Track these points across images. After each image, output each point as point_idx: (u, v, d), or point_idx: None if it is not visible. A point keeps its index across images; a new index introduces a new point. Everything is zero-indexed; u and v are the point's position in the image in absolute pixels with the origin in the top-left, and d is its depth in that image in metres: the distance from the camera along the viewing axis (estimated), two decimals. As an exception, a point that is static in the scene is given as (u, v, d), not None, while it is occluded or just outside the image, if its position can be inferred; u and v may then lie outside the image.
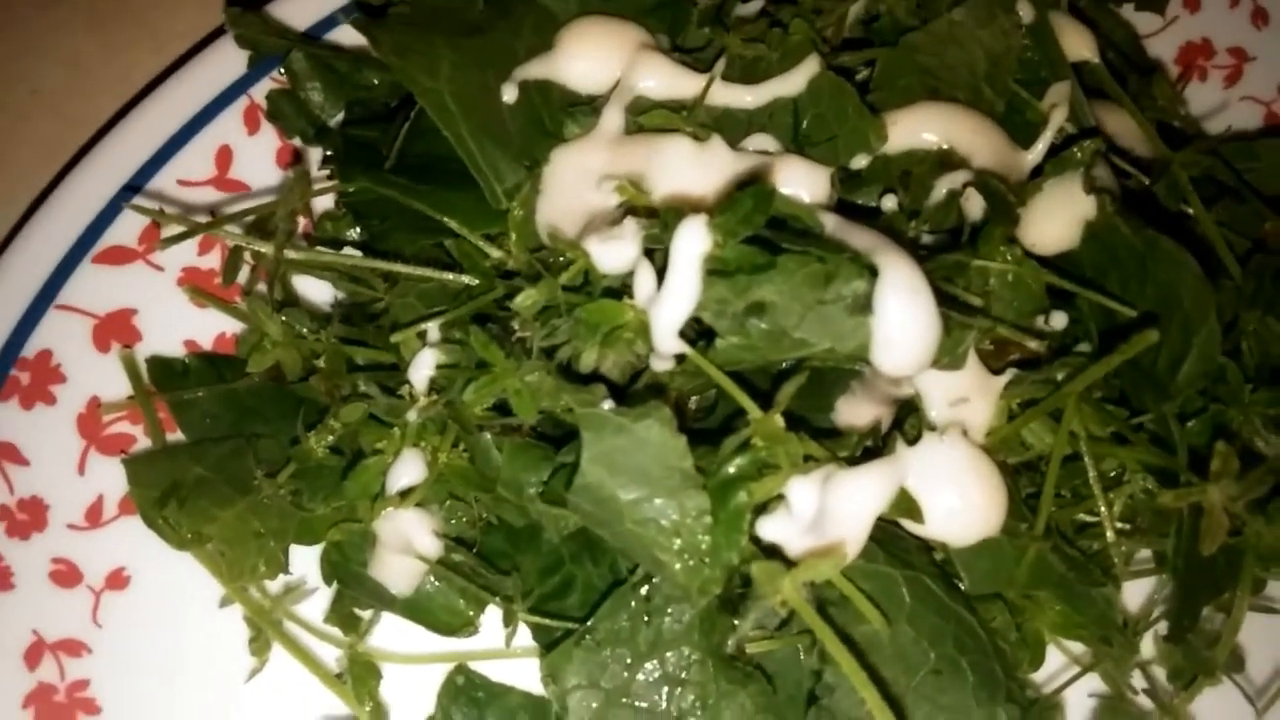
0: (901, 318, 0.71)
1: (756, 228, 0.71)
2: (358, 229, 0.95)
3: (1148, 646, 0.87)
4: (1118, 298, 0.79)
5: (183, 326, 0.97)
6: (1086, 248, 0.84)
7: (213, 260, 0.98)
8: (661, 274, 0.73)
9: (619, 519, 0.70)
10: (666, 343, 0.73)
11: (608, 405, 0.71)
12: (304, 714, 0.87)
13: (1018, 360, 0.82)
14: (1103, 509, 0.77)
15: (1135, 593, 0.89)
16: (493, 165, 0.82)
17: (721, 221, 0.71)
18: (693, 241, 0.70)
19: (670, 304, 0.72)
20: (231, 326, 0.97)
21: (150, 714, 0.87)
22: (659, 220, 0.74)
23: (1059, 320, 0.82)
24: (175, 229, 0.86)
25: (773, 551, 0.72)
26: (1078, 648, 0.85)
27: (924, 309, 0.71)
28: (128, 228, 0.96)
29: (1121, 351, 0.70)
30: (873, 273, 0.71)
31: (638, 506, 0.69)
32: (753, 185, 0.71)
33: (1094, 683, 0.86)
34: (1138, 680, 0.87)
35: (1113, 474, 0.82)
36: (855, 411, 0.82)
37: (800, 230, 0.75)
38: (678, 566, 0.69)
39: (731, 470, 0.71)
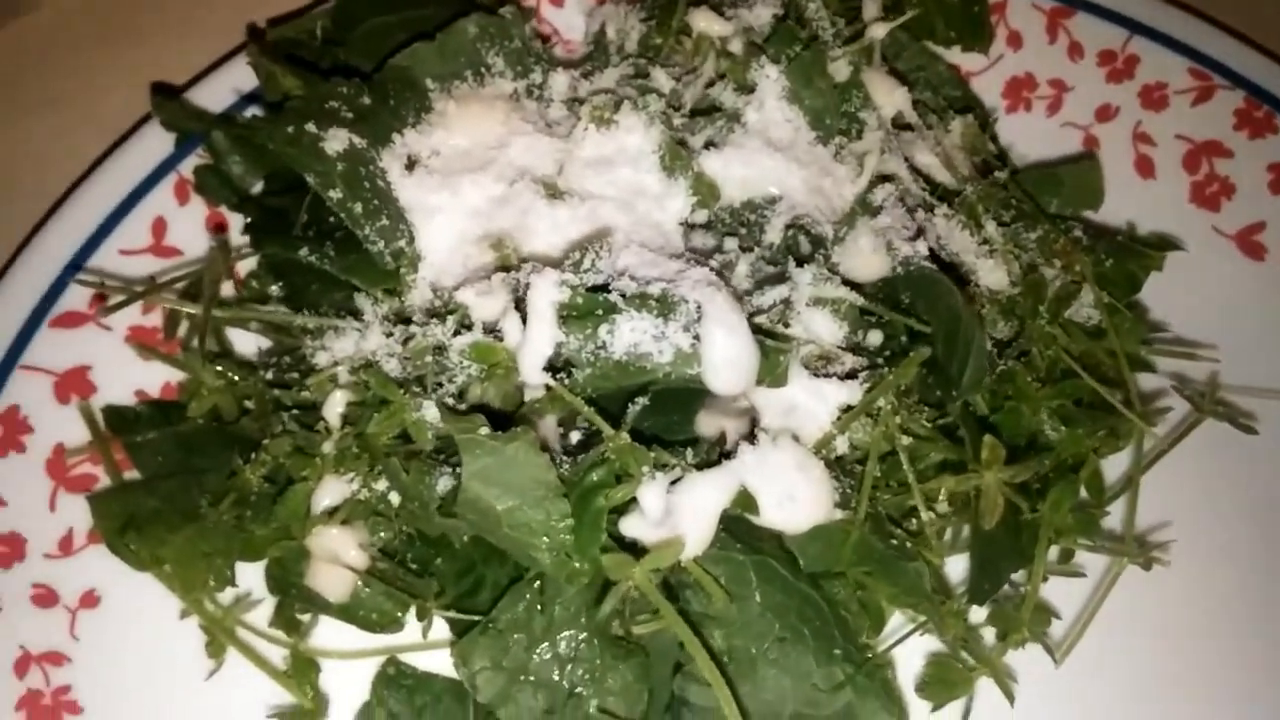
0: (723, 347, 0.86)
1: (599, 278, 0.86)
2: (279, 285, 1.08)
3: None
4: (919, 317, 0.94)
5: (132, 378, 1.09)
6: (899, 277, 0.98)
7: (155, 319, 1.11)
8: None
9: (498, 525, 0.84)
10: (533, 377, 0.87)
11: (484, 431, 0.85)
12: (255, 706, 1.00)
13: (847, 373, 0.97)
14: (917, 495, 0.91)
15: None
16: (380, 233, 0.96)
17: (569, 276, 0.85)
18: (546, 293, 0.85)
19: (532, 346, 0.86)
20: (175, 376, 1.10)
21: (125, 712, 1.00)
22: (521, 274, 0.89)
23: (875, 338, 0.96)
24: (117, 298, 1.00)
25: (634, 546, 0.87)
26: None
27: (741, 340, 0.86)
28: (79, 294, 1.09)
29: (906, 365, 0.85)
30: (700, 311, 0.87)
31: (511, 514, 0.84)
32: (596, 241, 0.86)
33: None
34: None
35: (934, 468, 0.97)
36: (711, 424, 0.97)
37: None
38: (547, 561, 0.84)
39: (592, 479, 0.85)
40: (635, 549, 0.86)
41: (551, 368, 0.89)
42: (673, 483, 0.86)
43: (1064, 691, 1.00)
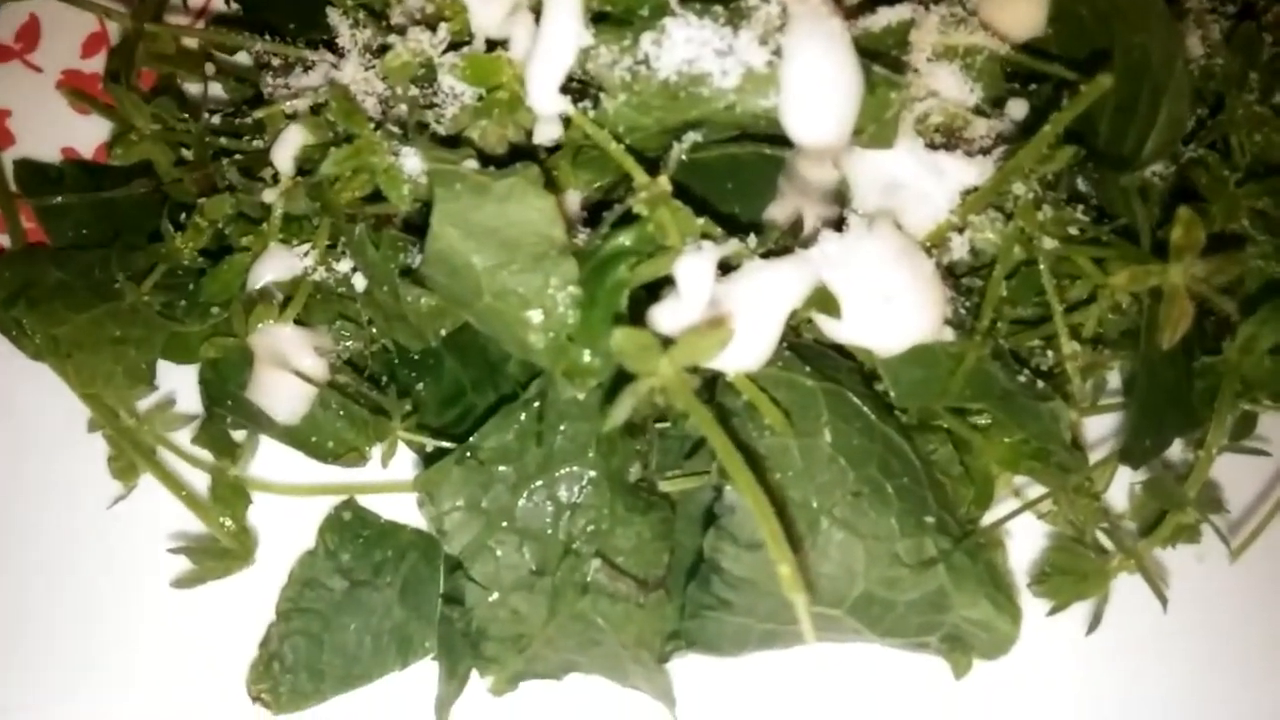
0: (812, 67, 0.60)
1: (645, -40, 0.61)
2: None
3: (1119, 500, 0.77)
4: (1084, 67, 0.68)
5: (62, 133, 0.89)
6: (1055, 31, 0.72)
7: (97, 64, 0.90)
8: (543, 24, 0.63)
9: (476, 292, 0.61)
10: (546, 100, 0.63)
11: (470, 165, 0.61)
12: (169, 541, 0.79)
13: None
14: (1056, 313, 0.66)
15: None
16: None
17: (603, -51, 0.61)
18: (569, -27, 0.61)
19: (548, 52, 0.62)
20: (115, 135, 0.89)
21: (6, 539, 0.80)
22: (540, -41, 0.64)
23: (1018, 110, 0.71)
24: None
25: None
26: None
27: (839, 57, 0.60)
28: (4, 24, 0.88)
29: (1075, 102, 0.59)
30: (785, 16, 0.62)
31: (495, 276, 0.60)
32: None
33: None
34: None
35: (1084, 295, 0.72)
36: (786, 207, 0.73)
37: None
38: (540, 345, 0.60)
39: (615, 244, 0.61)
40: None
41: (572, 96, 0.65)
42: (727, 271, 0.63)
43: (1223, 601, 0.75)
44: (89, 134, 0.89)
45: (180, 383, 0.81)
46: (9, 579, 0.79)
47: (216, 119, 0.81)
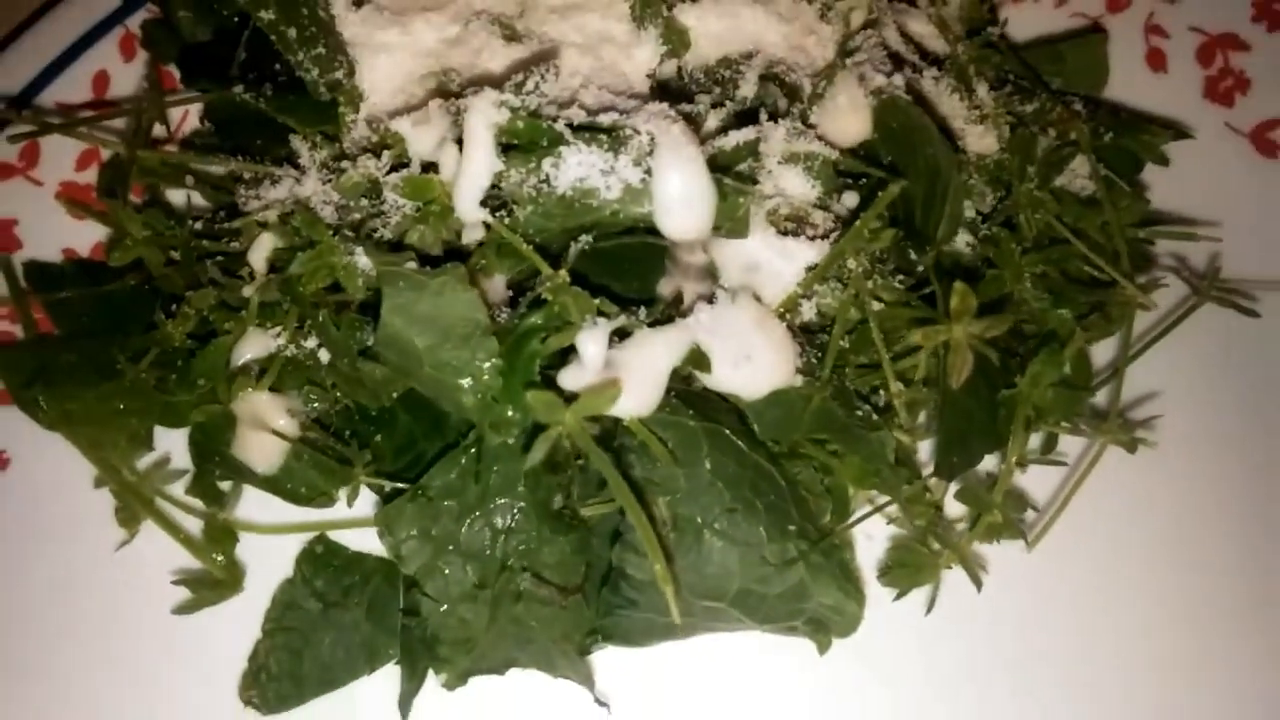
0: (676, 183, 0.78)
1: (539, 102, 0.79)
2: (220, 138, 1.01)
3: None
4: (898, 171, 0.86)
5: (61, 236, 1.03)
6: (879, 137, 0.90)
7: (90, 175, 1.05)
8: (467, 152, 0.80)
9: (419, 365, 0.77)
10: (469, 212, 0.80)
11: (411, 266, 0.78)
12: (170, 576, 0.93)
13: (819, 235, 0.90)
14: (884, 360, 0.84)
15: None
16: (315, 62, 0.89)
17: (509, 97, 0.78)
18: (484, 115, 0.78)
19: (469, 175, 0.79)
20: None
21: (31, 579, 0.94)
22: (461, 103, 0.81)
23: (851, 200, 0.89)
24: (26, 127, 0.93)
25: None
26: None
27: (696, 175, 0.78)
28: (9, 146, 1.03)
29: (877, 203, 0.77)
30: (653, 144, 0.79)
31: (434, 352, 0.76)
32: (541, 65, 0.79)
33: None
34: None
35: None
36: (670, 285, 0.89)
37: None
38: (471, 404, 0.77)
39: (529, 323, 0.78)
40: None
41: (491, 209, 0.81)
42: (622, 338, 0.80)
43: (1036, 586, 0.93)
44: (85, 236, 1.03)
45: (174, 444, 0.96)
46: (32, 616, 0.93)
47: (199, 224, 0.96)
